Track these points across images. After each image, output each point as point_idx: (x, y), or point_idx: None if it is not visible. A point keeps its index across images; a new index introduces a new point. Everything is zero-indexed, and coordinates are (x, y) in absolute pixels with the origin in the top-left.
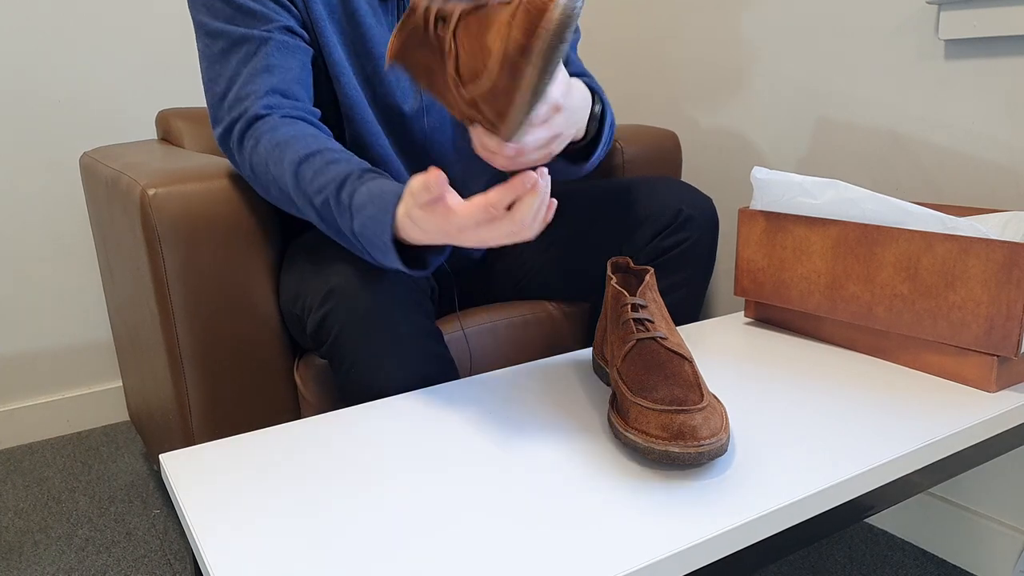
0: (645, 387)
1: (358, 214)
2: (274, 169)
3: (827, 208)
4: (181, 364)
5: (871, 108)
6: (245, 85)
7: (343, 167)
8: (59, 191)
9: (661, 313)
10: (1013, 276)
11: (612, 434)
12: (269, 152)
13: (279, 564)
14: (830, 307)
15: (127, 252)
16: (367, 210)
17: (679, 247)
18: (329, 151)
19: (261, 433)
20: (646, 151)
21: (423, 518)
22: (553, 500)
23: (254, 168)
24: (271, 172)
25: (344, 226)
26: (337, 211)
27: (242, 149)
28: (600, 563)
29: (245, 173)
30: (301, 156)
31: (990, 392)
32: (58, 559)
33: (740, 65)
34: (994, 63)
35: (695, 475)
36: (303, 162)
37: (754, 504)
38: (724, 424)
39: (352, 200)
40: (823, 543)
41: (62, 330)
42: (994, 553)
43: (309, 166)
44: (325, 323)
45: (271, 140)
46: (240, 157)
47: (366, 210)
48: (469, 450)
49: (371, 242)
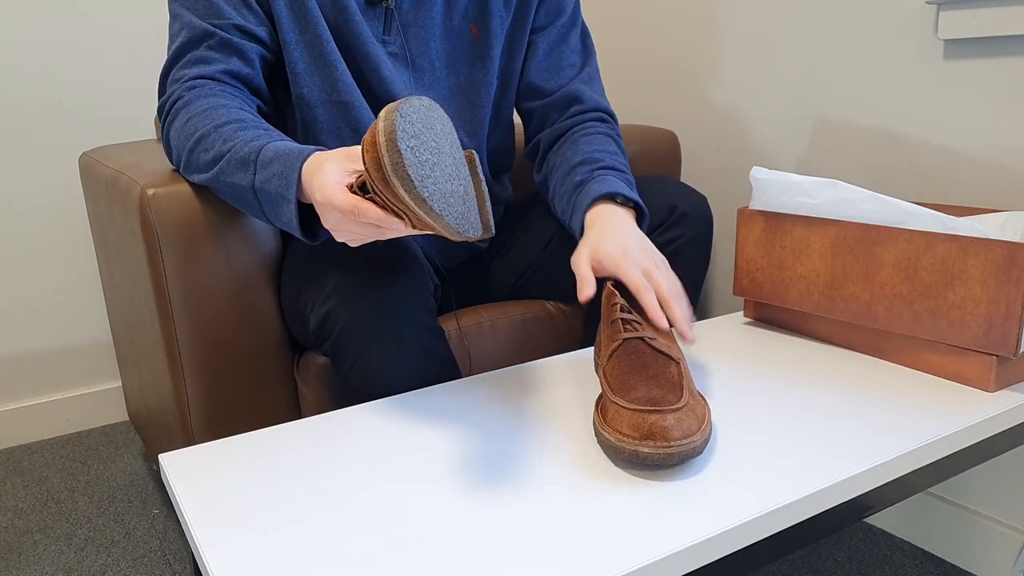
0: (625, 387)
1: (261, 170)
2: (185, 131)
3: (826, 208)
4: (181, 364)
5: (870, 108)
6: (180, 69)
7: (254, 131)
8: (59, 191)
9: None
10: (1012, 276)
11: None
12: (186, 117)
13: (279, 564)
14: (829, 307)
15: (127, 252)
16: (273, 166)
17: (674, 243)
18: (242, 120)
19: (261, 433)
20: (645, 151)
21: (422, 518)
22: (553, 500)
23: (168, 135)
24: (181, 134)
25: (241, 179)
26: (236, 166)
27: (163, 123)
28: (600, 563)
29: (164, 144)
30: (217, 121)
31: (989, 392)
32: (57, 559)
33: (739, 64)
34: (994, 63)
35: (694, 475)
36: (221, 126)
37: (753, 504)
38: (702, 426)
39: (259, 156)
40: (823, 543)
41: (62, 330)
42: (994, 553)
43: (223, 128)
44: (328, 320)
45: (189, 110)
46: (162, 126)
47: (272, 166)
48: (469, 450)
49: (270, 196)
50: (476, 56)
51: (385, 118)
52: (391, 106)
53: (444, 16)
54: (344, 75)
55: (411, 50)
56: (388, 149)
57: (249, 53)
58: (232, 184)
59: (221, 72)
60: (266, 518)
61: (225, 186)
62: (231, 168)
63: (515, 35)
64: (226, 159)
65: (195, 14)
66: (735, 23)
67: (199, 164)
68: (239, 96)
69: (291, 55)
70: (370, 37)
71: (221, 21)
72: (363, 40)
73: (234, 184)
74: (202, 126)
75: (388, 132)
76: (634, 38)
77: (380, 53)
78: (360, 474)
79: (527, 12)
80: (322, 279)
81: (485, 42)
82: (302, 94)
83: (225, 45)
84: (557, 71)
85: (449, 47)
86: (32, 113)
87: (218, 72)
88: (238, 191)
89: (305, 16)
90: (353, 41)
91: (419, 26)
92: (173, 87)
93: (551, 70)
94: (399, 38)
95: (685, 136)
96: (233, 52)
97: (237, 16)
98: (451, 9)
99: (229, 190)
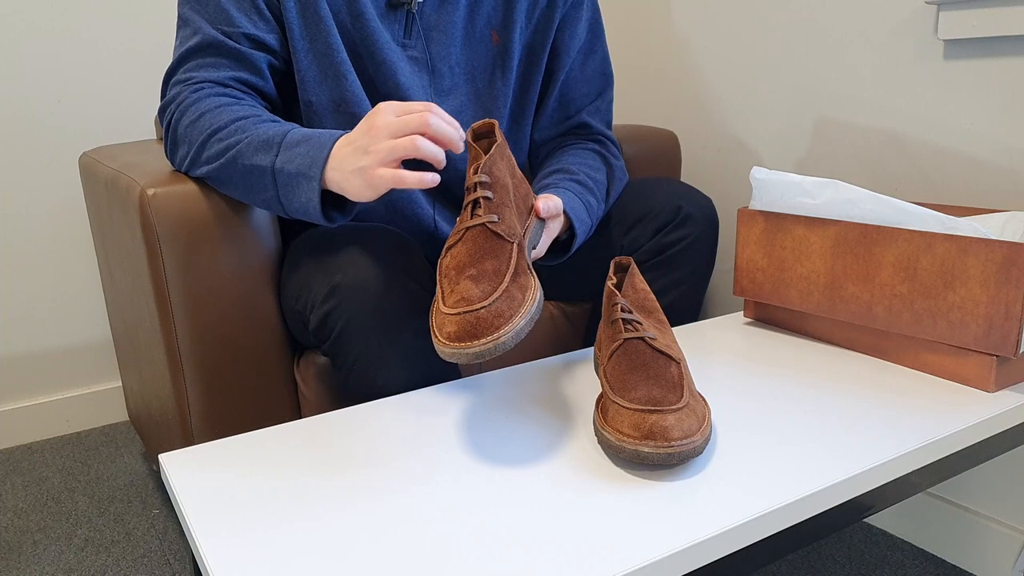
0: (626, 386)
1: (285, 151)
2: (198, 125)
3: (826, 208)
4: (180, 364)
5: (870, 108)
6: (186, 72)
7: (274, 123)
8: (59, 191)
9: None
10: (1012, 276)
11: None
12: (197, 113)
13: (279, 564)
14: (829, 307)
15: (127, 252)
16: (300, 147)
17: (679, 244)
18: (258, 115)
19: (261, 433)
20: (646, 151)
21: (422, 518)
22: (553, 499)
23: (176, 132)
24: (192, 128)
25: (261, 160)
26: (256, 148)
27: (165, 118)
28: (600, 563)
29: (166, 143)
30: (233, 116)
31: (989, 392)
32: (57, 559)
33: (739, 65)
34: (993, 63)
35: (694, 475)
36: (238, 120)
37: (753, 504)
38: (702, 426)
39: (284, 139)
40: (823, 543)
41: (62, 330)
42: (994, 553)
43: (241, 121)
44: (328, 319)
45: (200, 107)
46: (165, 126)
47: (300, 147)
48: (469, 450)
49: (291, 176)
50: (496, 64)
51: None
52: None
53: (467, 21)
54: (354, 85)
55: (431, 54)
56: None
57: (258, 63)
58: (249, 166)
59: (229, 78)
60: (266, 518)
61: (239, 170)
62: (251, 151)
63: (535, 47)
64: (245, 142)
65: (205, 19)
66: (735, 23)
67: (210, 155)
68: (248, 98)
69: (300, 63)
70: (388, 42)
71: (231, 29)
72: (380, 46)
73: (252, 166)
74: (217, 120)
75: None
76: (634, 38)
77: (397, 59)
78: (360, 474)
79: (549, 25)
80: (322, 280)
81: (506, 50)
82: (311, 101)
83: (234, 54)
84: (569, 103)
85: (470, 53)
86: (32, 113)
87: (226, 78)
88: (254, 174)
89: (318, 24)
90: (369, 48)
91: (440, 30)
92: (178, 88)
93: (562, 110)
94: (420, 42)
95: (685, 136)
96: (242, 61)
97: (248, 23)
98: (474, 15)
99: (242, 175)
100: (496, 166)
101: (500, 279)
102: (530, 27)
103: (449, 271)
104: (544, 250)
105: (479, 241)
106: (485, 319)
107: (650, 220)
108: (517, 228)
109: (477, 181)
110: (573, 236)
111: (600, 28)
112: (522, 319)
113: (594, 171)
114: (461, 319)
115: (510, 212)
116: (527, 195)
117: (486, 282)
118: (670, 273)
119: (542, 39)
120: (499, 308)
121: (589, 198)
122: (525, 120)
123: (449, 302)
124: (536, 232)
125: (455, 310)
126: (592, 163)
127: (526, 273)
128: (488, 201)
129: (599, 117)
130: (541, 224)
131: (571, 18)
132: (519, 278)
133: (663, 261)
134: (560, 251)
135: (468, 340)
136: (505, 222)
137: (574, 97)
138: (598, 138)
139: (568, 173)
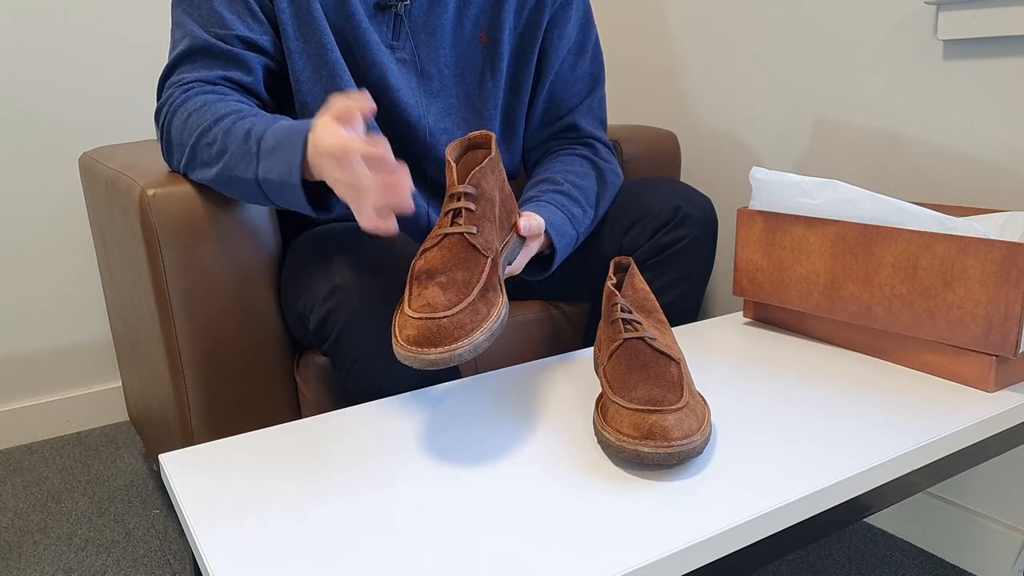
0: (626, 386)
1: (264, 160)
2: (187, 127)
3: (826, 208)
4: (181, 364)
5: (869, 108)
6: (179, 74)
7: (251, 120)
8: (59, 191)
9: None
10: (1012, 276)
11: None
12: (185, 114)
13: (279, 564)
14: (829, 307)
15: (127, 252)
16: (276, 154)
17: (679, 243)
18: (239, 111)
19: (261, 433)
20: (645, 151)
21: (423, 518)
22: (553, 499)
23: (169, 134)
24: (183, 131)
25: (245, 172)
26: (239, 158)
27: (159, 121)
28: (600, 562)
29: (162, 146)
30: (217, 114)
31: (989, 392)
32: (57, 559)
33: (739, 65)
34: (993, 63)
35: (694, 475)
36: (221, 118)
37: (753, 504)
38: (702, 426)
39: (260, 147)
40: (823, 543)
41: (62, 330)
42: (994, 553)
43: (223, 121)
44: (328, 320)
45: (187, 107)
46: (159, 130)
47: (275, 154)
48: (469, 450)
49: (276, 185)
50: (486, 65)
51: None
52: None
53: (455, 23)
54: (348, 84)
55: (420, 56)
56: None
57: (251, 63)
58: (236, 178)
59: (220, 78)
60: (266, 518)
61: (230, 181)
62: (234, 162)
63: (524, 47)
64: (230, 153)
65: (198, 23)
66: (735, 23)
67: (204, 159)
68: (235, 95)
69: (295, 64)
70: (377, 43)
71: (224, 31)
72: (370, 47)
73: (238, 178)
74: (203, 120)
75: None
76: (634, 38)
77: (387, 60)
78: (360, 474)
79: (537, 25)
80: (322, 280)
81: (495, 51)
82: (306, 102)
83: (225, 55)
84: (559, 104)
85: (459, 55)
86: (32, 113)
87: (218, 78)
88: (243, 184)
89: (311, 24)
90: (359, 48)
91: (429, 32)
92: (170, 91)
93: (551, 111)
94: (408, 43)
95: (685, 136)
96: (234, 63)
97: (241, 26)
98: (463, 16)
99: (234, 185)
100: (486, 179)
101: (468, 291)
102: (519, 27)
103: (420, 274)
104: (520, 267)
105: (455, 250)
106: (446, 328)
107: (649, 220)
108: (495, 243)
109: (463, 191)
110: (555, 252)
111: (592, 28)
112: (482, 334)
113: (580, 178)
114: (423, 324)
115: (491, 227)
116: (512, 211)
117: (454, 291)
118: (669, 273)
119: (531, 39)
120: (461, 320)
121: (574, 209)
122: (517, 121)
123: (415, 305)
124: (514, 249)
125: (418, 314)
126: (579, 169)
127: (495, 289)
128: (470, 213)
129: (591, 116)
130: (520, 242)
131: (560, 18)
132: (488, 293)
133: (662, 261)
134: (542, 267)
135: (426, 346)
136: (484, 235)
137: (564, 98)
138: (587, 141)
139: (553, 184)
